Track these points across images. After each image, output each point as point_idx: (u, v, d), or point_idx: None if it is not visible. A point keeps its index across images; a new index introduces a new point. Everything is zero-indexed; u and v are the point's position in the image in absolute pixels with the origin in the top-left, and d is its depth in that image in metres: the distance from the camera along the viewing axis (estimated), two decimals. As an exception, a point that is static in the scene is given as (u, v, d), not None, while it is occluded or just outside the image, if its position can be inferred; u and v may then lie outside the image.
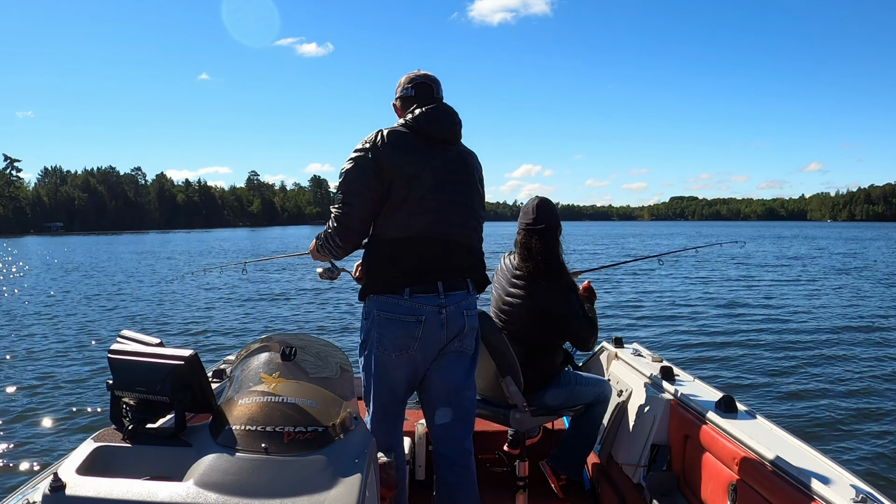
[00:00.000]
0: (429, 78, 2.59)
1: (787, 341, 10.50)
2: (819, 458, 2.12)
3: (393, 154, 2.38)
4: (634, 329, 11.29)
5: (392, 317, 2.38)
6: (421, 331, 2.39)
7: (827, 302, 15.33)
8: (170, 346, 1.71)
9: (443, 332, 2.41)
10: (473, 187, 2.55)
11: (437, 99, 2.57)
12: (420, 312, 2.37)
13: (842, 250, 39.73)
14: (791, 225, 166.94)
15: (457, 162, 2.51)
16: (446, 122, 2.49)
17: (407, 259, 2.39)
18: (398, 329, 2.38)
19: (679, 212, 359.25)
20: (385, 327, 2.39)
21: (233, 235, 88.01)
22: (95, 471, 1.50)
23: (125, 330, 1.81)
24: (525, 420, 2.91)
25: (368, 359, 2.46)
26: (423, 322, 2.38)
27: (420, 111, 2.47)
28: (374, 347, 2.42)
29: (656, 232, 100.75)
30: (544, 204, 3.03)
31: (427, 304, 2.38)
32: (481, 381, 2.95)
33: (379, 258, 2.43)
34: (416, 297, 2.37)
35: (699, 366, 8.62)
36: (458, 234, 2.46)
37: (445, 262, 2.43)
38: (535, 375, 2.96)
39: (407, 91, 2.58)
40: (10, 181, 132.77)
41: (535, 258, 2.95)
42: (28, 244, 66.11)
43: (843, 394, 7.53)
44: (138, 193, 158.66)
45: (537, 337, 2.97)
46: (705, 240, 46.16)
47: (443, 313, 2.40)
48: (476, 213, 2.56)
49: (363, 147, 2.41)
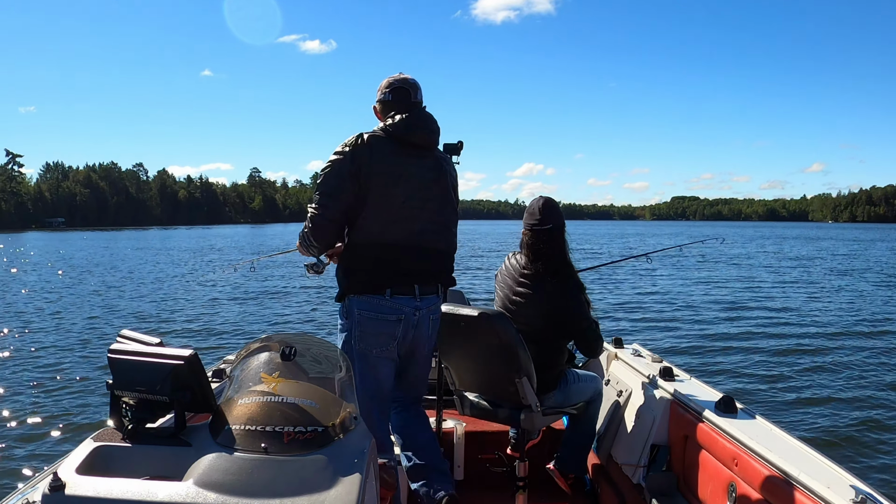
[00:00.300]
0: (407, 82, 2.66)
1: (787, 342, 10.50)
2: (818, 459, 2.12)
3: (372, 159, 2.48)
4: (634, 329, 11.29)
5: (374, 315, 2.51)
6: (400, 329, 2.54)
7: (827, 303, 15.33)
8: (170, 346, 1.71)
9: (413, 332, 2.58)
10: (448, 194, 2.67)
11: (416, 103, 2.64)
12: (400, 311, 2.52)
13: (842, 251, 39.77)
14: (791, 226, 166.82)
15: (433, 169, 2.61)
16: (424, 130, 2.58)
17: (387, 262, 2.52)
18: (380, 327, 2.52)
19: (680, 212, 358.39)
20: (367, 325, 2.52)
21: (234, 232, 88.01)
22: (95, 470, 1.50)
23: (125, 329, 1.81)
24: (537, 420, 2.91)
25: (351, 357, 2.51)
26: (402, 321, 2.54)
27: (400, 118, 2.55)
28: (357, 345, 2.54)
29: (657, 231, 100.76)
30: (549, 204, 3.03)
31: (406, 305, 2.53)
32: (489, 383, 2.95)
33: (359, 261, 2.54)
34: (396, 297, 2.52)
35: (699, 366, 8.63)
36: (432, 241, 2.60)
37: (421, 267, 2.57)
38: (546, 375, 2.96)
39: (385, 95, 2.66)
40: (12, 176, 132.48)
41: (543, 258, 2.95)
42: (29, 239, 66.06)
43: (842, 394, 7.54)
44: (140, 189, 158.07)
45: (546, 336, 2.96)
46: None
47: (416, 315, 2.56)
48: (449, 220, 2.69)
49: (343, 150, 2.50)
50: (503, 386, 2.90)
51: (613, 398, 3.41)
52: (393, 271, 2.52)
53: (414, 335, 2.59)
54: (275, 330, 10.94)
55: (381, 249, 2.52)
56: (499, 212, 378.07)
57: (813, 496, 1.92)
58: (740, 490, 2.30)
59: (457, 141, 3.00)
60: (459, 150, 2.99)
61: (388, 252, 2.52)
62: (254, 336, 8.76)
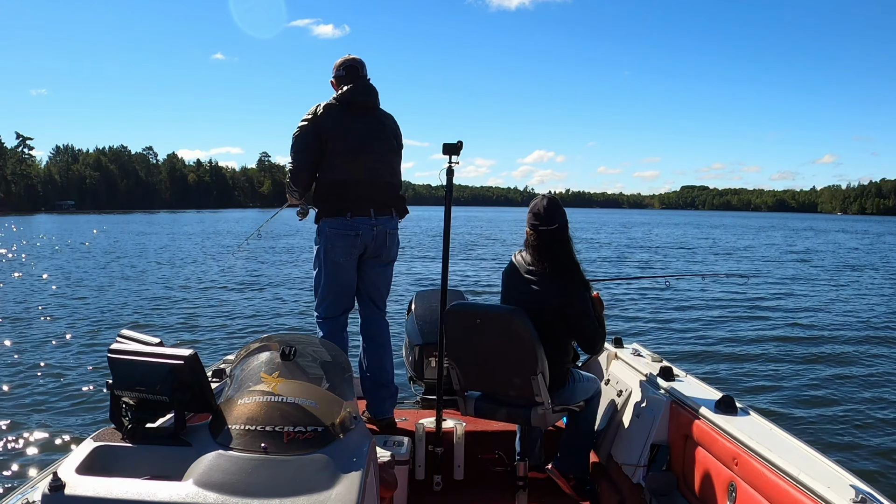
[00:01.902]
0: (356, 61, 3.53)
1: (787, 341, 10.50)
2: (818, 458, 2.12)
3: (327, 121, 3.36)
4: (634, 329, 11.29)
5: (340, 232, 3.38)
6: (359, 242, 3.41)
7: (827, 301, 15.32)
8: (169, 346, 1.70)
9: (372, 244, 3.44)
10: (389, 142, 3.51)
11: (362, 77, 3.51)
12: (357, 229, 3.39)
13: (848, 245, 39.61)
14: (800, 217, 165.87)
15: (375, 124, 3.46)
16: (365, 96, 3.45)
17: (347, 193, 3.38)
18: (343, 240, 3.39)
19: (690, 201, 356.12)
20: (334, 240, 3.40)
21: (243, 216, 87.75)
22: (95, 470, 1.50)
23: (125, 329, 1.81)
24: (548, 417, 2.92)
25: (324, 264, 3.45)
26: (360, 236, 3.40)
27: (346, 88, 3.43)
28: (327, 255, 3.42)
29: (665, 220, 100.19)
30: (553, 203, 3.02)
31: (363, 224, 3.39)
32: (500, 380, 2.95)
33: (326, 194, 3.41)
34: (355, 218, 3.38)
35: (699, 366, 8.62)
36: (379, 175, 3.45)
37: (372, 194, 3.42)
38: (556, 372, 2.96)
39: (340, 71, 3.51)
40: (22, 159, 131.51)
41: (549, 257, 2.95)
42: (38, 223, 65.83)
43: (842, 394, 7.54)
44: (149, 173, 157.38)
45: (553, 334, 2.96)
46: (711, 232, 46.19)
47: (374, 230, 3.42)
48: (392, 160, 3.54)
49: (307, 117, 3.40)
50: (515, 383, 2.90)
51: (613, 398, 3.41)
52: (351, 198, 3.37)
53: (373, 246, 3.44)
54: (275, 329, 10.94)
55: (341, 185, 3.39)
56: (508, 198, 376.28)
57: (813, 496, 1.92)
58: (740, 490, 2.30)
59: (456, 141, 3.15)
60: (459, 150, 3.15)
61: (346, 186, 3.38)
62: (254, 335, 8.76)
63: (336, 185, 3.38)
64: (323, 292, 3.51)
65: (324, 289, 3.50)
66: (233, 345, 9.24)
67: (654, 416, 2.94)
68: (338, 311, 3.54)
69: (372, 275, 3.56)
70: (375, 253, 3.48)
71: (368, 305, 3.63)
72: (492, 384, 3.04)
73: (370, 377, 3.60)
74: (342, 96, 3.40)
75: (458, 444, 3.43)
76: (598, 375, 3.58)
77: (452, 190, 3.26)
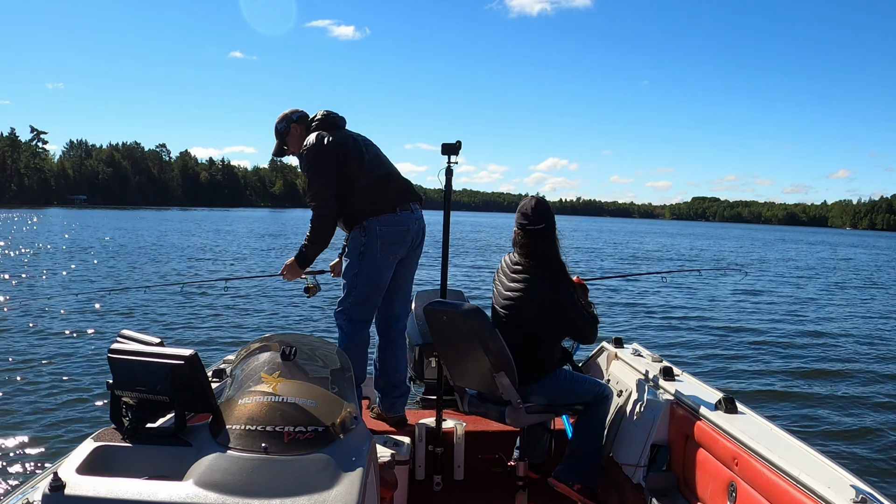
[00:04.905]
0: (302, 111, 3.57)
1: (787, 341, 10.50)
2: (819, 459, 2.12)
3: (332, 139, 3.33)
4: (634, 329, 11.28)
5: (392, 229, 3.29)
6: (409, 238, 3.35)
7: (828, 304, 15.32)
8: (170, 346, 1.70)
9: (417, 238, 3.41)
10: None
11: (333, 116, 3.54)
12: (407, 224, 3.34)
13: (850, 256, 39.63)
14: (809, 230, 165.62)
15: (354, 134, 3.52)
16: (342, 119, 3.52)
17: (389, 186, 3.34)
18: (395, 237, 3.30)
19: (700, 212, 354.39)
20: (386, 237, 3.28)
21: (254, 215, 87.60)
22: (95, 470, 1.50)
23: (125, 329, 1.81)
24: (521, 417, 2.90)
25: (369, 264, 3.29)
26: (409, 231, 3.35)
27: (321, 113, 3.45)
28: (376, 254, 3.28)
29: (674, 231, 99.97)
30: (541, 204, 3.05)
31: (409, 218, 3.35)
32: (476, 377, 2.95)
33: (370, 193, 3.29)
34: (402, 213, 3.32)
35: (699, 366, 8.62)
36: (397, 171, 3.48)
37: (409, 188, 3.43)
38: (530, 367, 2.94)
39: (295, 115, 3.50)
40: (36, 152, 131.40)
41: (536, 257, 2.97)
42: (50, 216, 65.70)
43: (843, 394, 7.54)
44: (162, 170, 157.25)
45: (538, 326, 2.96)
46: (720, 242, 46.07)
47: (418, 223, 3.40)
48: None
49: (310, 146, 3.32)
50: (487, 381, 2.90)
51: (613, 398, 3.40)
52: (394, 192, 3.33)
53: (416, 241, 3.42)
54: (275, 329, 10.94)
55: (384, 179, 3.35)
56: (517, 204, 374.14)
57: (813, 496, 1.92)
58: (740, 490, 2.29)
59: (455, 141, 3.20)
60: (458, 150, 3.21)
61: (388, 180, 3.36)
62: (254, 336, 8.76)
63: (379, 182, 3.31)
64: (361, 293, 3.32)
65: (362, 290, 3.32)
66: (233, 345, 9.24)
67: (655, 417, 2.94)
68: (372, 314, 3.42)
69: (406, 273, 3.47)
70: (413, 249, 3.42)
71: (396, 306, 3.51)
72: (473, 382, 3.03)
73: (386, 377, 3.52)
74: (325, 118, 3.41)
75: (458, 444, 3.43)
76: (598, 376, 3.56)
77: (451, 190, 3.27)
